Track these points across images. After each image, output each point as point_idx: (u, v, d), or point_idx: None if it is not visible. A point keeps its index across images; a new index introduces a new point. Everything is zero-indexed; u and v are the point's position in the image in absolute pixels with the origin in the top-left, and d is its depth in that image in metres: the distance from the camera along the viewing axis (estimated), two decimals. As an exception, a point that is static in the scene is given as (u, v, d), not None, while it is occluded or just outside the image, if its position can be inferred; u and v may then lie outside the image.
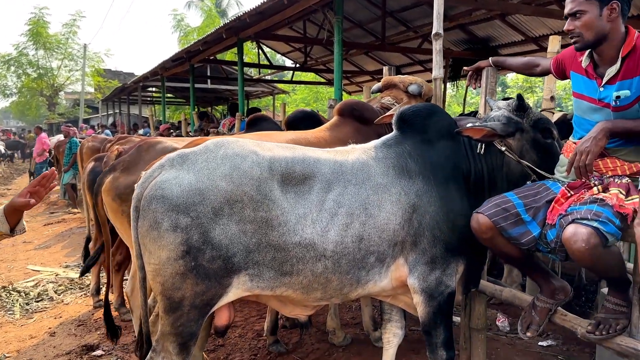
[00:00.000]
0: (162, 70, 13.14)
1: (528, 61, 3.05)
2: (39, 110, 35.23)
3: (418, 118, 2.67)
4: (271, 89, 19.31)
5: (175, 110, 26.12)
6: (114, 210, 3.40)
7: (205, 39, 9.55)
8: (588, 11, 2.28)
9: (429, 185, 2.52)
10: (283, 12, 7.33)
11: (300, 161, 2.41)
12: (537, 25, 10.15)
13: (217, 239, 2.23)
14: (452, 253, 2.53)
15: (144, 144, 3.62)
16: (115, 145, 7.10)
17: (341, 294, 2.48)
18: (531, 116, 2.68)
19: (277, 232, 2.29)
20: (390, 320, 2.97)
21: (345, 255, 2.36)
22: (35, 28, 29.99)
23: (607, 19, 2.27)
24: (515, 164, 2.66)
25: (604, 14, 2.27)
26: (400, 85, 3.66)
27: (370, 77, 15.55)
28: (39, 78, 31.37)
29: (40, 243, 8.44)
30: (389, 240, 2.44)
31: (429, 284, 2.50)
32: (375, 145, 2.66)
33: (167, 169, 2.33)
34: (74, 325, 4.72)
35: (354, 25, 11.44)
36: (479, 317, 3.23)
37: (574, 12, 2.33)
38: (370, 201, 2.42)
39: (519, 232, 2.40)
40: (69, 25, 31.15)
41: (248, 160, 2.33)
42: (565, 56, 2.65)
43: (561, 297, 2.61)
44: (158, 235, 2.24)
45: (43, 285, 6.07)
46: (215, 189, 2.25)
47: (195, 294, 2.28)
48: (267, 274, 2.33)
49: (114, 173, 3.44)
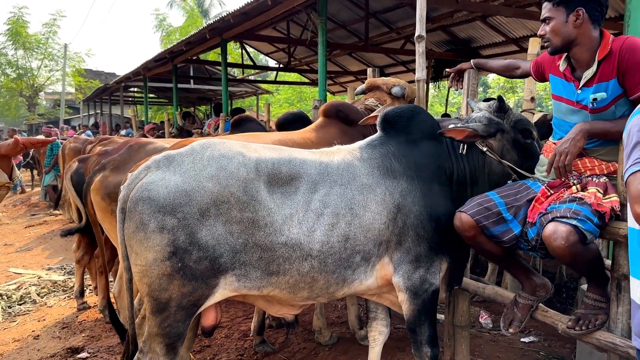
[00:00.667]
0: (145, 71, 13.05)
1: (508, 64, 3.12)
2: (19, 110, 34.64)
3: (402, 119, 2.72)
4: (255, 89, 19.27)
5: (157, 111, 25.91)
6: (102, 210, 3.38)
7: (189, 40, 9.51)
8: (555, 17, 2.40)
9: (413, 185, 2.56)
10: (267, 13, 7.35)
11: (287, 162, 2.43)
12: (517, 26, 10.31)
13: (203, 239, 2.24)
14: (436, 251, 2.58)
15: (135, 144, 3.62)
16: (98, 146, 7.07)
17: (327, 293, 2.51)
18: (511, 117, 2.75)
19: (264, 233, 2.31)
20: (376, 319, 3.00)
21: (332, 254, 2.39)
22: (15, 28, 29.44)
23: (573, 24, 2.36)
24: (496, 164, 2.72)
25: (570, 20, 2.36)
26: (384, 87, 3.71)
27: (354, 78, 15.62)
28: (19, 78, 30.81)
29: (22, 245, 8.33)
30: (375, 239, 2.47)
31: (414, 282, 2.54)
32: (360, 146, 2.70)
33: (153, 171, 2.33)
34: (58, 328, 4.68)
35: (338, 26, 11.49)
36: (462, 315, 3.29)
37: (544, 18, 2.46)
38: (355, 201, 2.45)
39: (500, 231, 2.46)
40: (49, 25, 30.63)
41: (234, 161, 2.34)
42: (544, 59, 2.72)
43: (542, 294, 2.67)
44: (144, 236, 2.24)
45: (25, 288, 5.99)
46: (201, 190, 2.26)
47: (182, 294, 2.29)
48: (254, 274, 2.35)
49: (104, 172, 3.43)
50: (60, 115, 30.56)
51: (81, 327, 4.68)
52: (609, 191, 2.31)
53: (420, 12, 3.41)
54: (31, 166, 14.97)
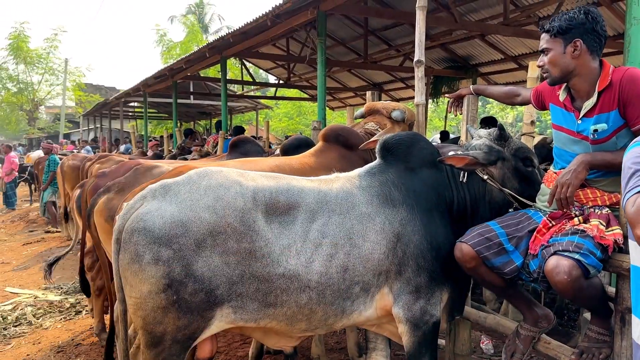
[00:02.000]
0: (145, 87, 13.09)
1: (509, 91, 3.11)
2: (19, 124, 34.72)
3: (401, 147, 2.69)
4: (254, 104, 19.33)
5: (157, 125, 25.96)
6: (106, 232, 3.34)
7: (189, 58, 9.55)
8: (552, 49, 2.39)
9: (413, 214, 2.53)
10: (266, 32, 7.38)
11: (285, 191, 2.40)
12: (516, 44, 10.37)
13: (199, 271, 2.20)
14: (437, 282, 2.54)
15: (141, 167, 3.59)
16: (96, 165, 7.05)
17: (326, 325, 2.46)
18: (512, 145, 2.73)
19: (261, 263, 2.27)
20: (375, 349, 2.95)
21: (330, 285, 2.35)
22: (16, 42, 29.66)
23: (571, 55, 2.35)
24: (497, 192, 2.69)
25: (568, 51, 2.35)
26: (383, 111, 3.69)
27: (353, 94, 15.69)
28: (19, 92, 30.97)
29: (19, 264, 8.26)
30: (374, 269, 2.43)
31: (414, 314, 2.49)
32: (359, 174, 2.67)
33: (149, 200, 2.30)
34: (53, 352, 4.61)
35: (337, 43, 11.55)
36: (463, 343, 3.25)
37: (542, 49, 2.45)
38: (354, 231, 2.41)
39: (501, 262, 2.42)
40: (50, 40, 30.87)
41: (231, 190, 2.31)
42: (544, 88, 2.71)
43: (544, 325, 2.62)
44: (139, 268, 2.20)
45: (21, 308, 5.92)
46: (198, 221, 2.22)
47: (177, 328, 2.24)
48: (251, 306, 2.30)
49: (108, 194, 3.39)
50: (60, 130, 30.63)
51: (77, 350, 4.61)
52: (612, 223, 2.28)
53: (420, 36, 3.40)
54: (29, 182, 14.94)
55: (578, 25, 2.32)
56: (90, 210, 3.42)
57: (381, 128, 3.61)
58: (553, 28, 2.38)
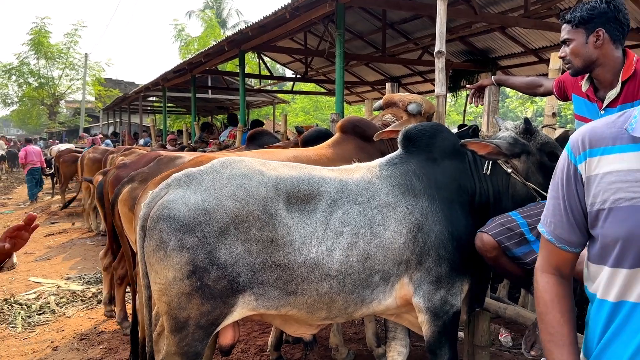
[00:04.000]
0: (164, 81, 13.21)
1: (531, 81, 3.09)
2: (40, 119, 35.33)
3: (423, 137, 2.69)
4: (271, 99, 19.38)
5: (176, 119, 26.19)
6: (130, 221, 3.41)
7: (207, 52, 9.61)
8: (575, 39, 2.38)
9: (434, 204, 2.53)
10: (285, 26, 7.39)
11: (306, 180, 2.43)
12: (536, 37, 10.23)
13: (222, 258, 2.24)
14: (457, 272, 2.54)
15: (164, 158, 3.66)
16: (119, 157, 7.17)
17: (346, 313, 2.48)
18: (538, 139, 2.70)
19: (283, 252, 2.30)
20: (395, 339, 2.97)
21: (350, 274, 2.37)
22: (37, 37, 30.13)
23: (594, 45, 2.33)
24: (521, 186, 2.67)
25: (590, 41, 2.33)
26: (400, 104, 3.68)
27: (370, 88, 15.64)
28: (40, 87, 31.49)
29: (42, 254, 8.43)
30: (394, 259, 2.45)
31: (434, 303, 2.51)
32: (379, 164, 2.68)
33: (173, 189, 2.34)
34: (76, 340, 4.71)
35: (355, 37, 11.51)
36: (482, 334, 3.24)
37: (564, 39, 2.44)
38: (375, 220, 2.43)
39: (523, 252, 2.42)
40: (70, 35, 31.30)
41: (254, 180, 2.34)
42: (567, 79, 2.69)
43: (565, 316, 2.61)
44: (164, 255, 2.25)
45: (45, 297, 6.05)
46: (221, 209, 2.26)
47: (201, 313, 2.29)
48: (272, 294, 2.34)
49: (132, 184, 3.47)
50: (80, 124, 31.06)
51: (99, 339, 4.70)
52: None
53: (440, 27, 3.40)
54: (52, 175, 15.21)
55: (600, 14, 2.30)
56: (115, 199, 3.49)
57: (398, 120, 3.61)
58: (574, 18, 2.36)
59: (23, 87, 31.87)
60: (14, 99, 33.13)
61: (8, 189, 19.64)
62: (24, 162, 14.84)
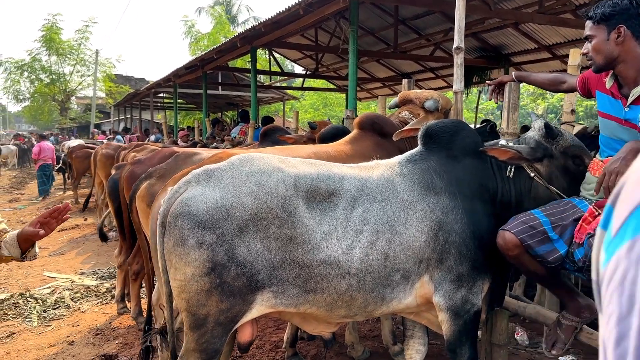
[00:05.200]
0: (175, 78, 13.24)
1: (554, 78, 3.04)
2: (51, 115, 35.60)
3: (445, 134, 2.66)
4: (281, 95, 19.35)
5: (185, 116, 26.27)
6: (147, 217, 3.41)
7: (219, 48, 9.61)
8: (596, 36, 2.36)
9: (455, 202, 2.51)
10: (297, 22, 7.36)
11: (325, 178, 2.41)
12: (550, 33, 10.12)
13: (242, 256, 2.24)
14: (479, 271, 2.52)
15: (182, 154, 3.66)
16: (131, 153, 7.18)
17: (365, 312, 2.47)
18: (561, 142, 2.64)
19: (302, 250, 2.29)
20: (413, 337, 2.95)
21: (370, 272, 2.36)
22: (49, 34, 30.33)
23: (615, 42, 2.31)
24: (543, 189, 2.63)
25: (611, 37, 2.31)
26: (416, 100, 3.64)
27: (381, 84, 15.57)
28: (52, 83, 31.70)
29: (55, 249, 8.49)
30: (415, 257, 2.43)
31: (455, 302, 2.48)
32: (399, 161, 2.65)
33: (193, 185, 2.34)
34: (92, 334, 4.74)
35: (366, 33, 11.46)
36: (500, 333, 3.21)
37: (586, 36, 2.42)
38: (395, 218, 2.41)
39: (545, 250, 2.39)
40: (81, 32, 31.47)
41: (273, 177, 2.33)
42: (591, 75, 2.65)
43: (587, 315, 2.58)
44: (184, 251, 2.25)
45: (59, 292, 6.10)
46: (240, 206, 2.25)
47: (220, 310, 2.28)
48: (291, 291, 2.33)
49: (150, 180, 3.47)
50: (91, 120, 31.25)
51: (114, 333, 4.73)
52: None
53: (459, 23, 3.36)
54: (63, 171, 15.31)
55: (622, 10, 2.26)
56: (133, 195, 3.50)
57: (415, 117, 3.58)
58: (596, 15, 2.34)
59: (35, 83, 32.10)
60: (25, 95, 33.41)
61: (21, 184, 19.81)
62: (37, 157, 14.95)
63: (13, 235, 2.27)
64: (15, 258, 2.29)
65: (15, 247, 2.25)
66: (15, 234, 2.27)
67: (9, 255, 2.27)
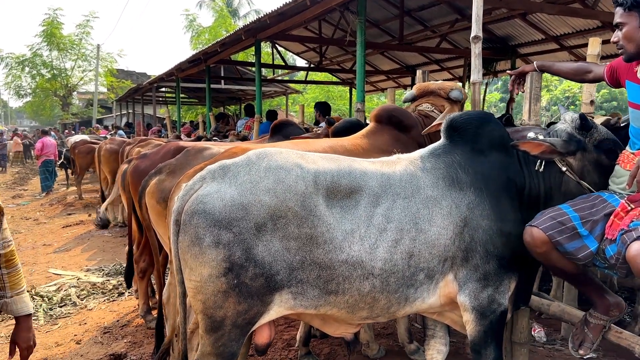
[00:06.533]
0: (178, 72, 13.10)
1: (579, 67, 2.92)
2: (53, 110, 35.50)
3: (470, 126, 2.55)
4: (284, 89, 19.21)
5: (187, 110, 26.14)
6: (157, 214, 3.32)
7: (224, 41, 9.49)
8: (627, 23, 2.28)
9: (481, 197, 2.40)
10: (303, 13, 7.23)
11: (347, 174, 2.31)
12: (558, 24, 9.97)
13: (260, 255, 2.14)
14: (506, 269, 2.42)
15: (192, 149, 3.55)
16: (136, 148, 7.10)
17: (388, 313, 2.38)
18: (595, 136, 2.53)
19: (323, 250, 2.20)
20: (434, 337, 2.86)
21: (394, 273, 2.26)
22: (50, 29, 30.16)
23: None
24: (574, 184, 2.52)
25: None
26: (441, 92, 3.53)
27: (385, 77, 15.43)
28: (53, 78, 31.57)
29: (60, 246, 8.42)
30: (440, 255, 2.33)
31: (481, 302, 2.39)
32: (422, 155, 2.55)
33: (208, 182, 2.24)
34: (99, 333, 4.67)
35: (370, 25, 11.31)
36: (521, 331, 3.13)
37: (616, 23, 2.32)
38: (420, 215, 2.31)
39: (575, 247, 2.30)
40: (82, 26, 31.30)
41: (292, 173, 2.23)
42: (620, 64, 2.54)
43: (615, 314, 2.49)
44: (200, 251, 2.16)
45: (65, 289, 6.02)
46: (258, 204, 2.16)
47: (237, 312, 2.20)
48: (311, 293, 2.24)
49: (160, 176, 3.37)
50: (93, 115, 31.18)
51: (123, 332, 4.65)
52: (701, 207, 2.13)
53: (477, 11, 3.25)
54: (65, 166, 15.23)
55: None
56: (142, 191, 3.40)
57: (437, 109, 3.46)
58: (627, 1, 2.24)
59: (36, 78, 31.97)
60: (27, 90, 33.28)
61: (23, 180, 19.78)
62: (40, 153, 14.88)
63: (19, 308, 2.29)
64: None
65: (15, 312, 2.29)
66: None
67: None
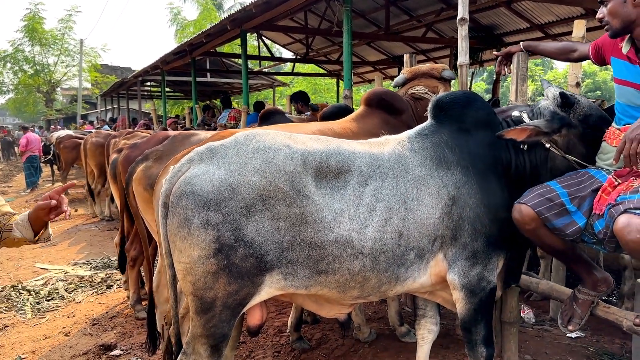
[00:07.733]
0: (163, 64, 12.96)
1: (564, 46, 2.94)
2: (37, 106, 34.98)
3: (456, 106, 2.56)
4: (271, 82, 19.11)
5: (173, 105, 25.93)
6: (145, 200, 3.28)
7: (209, 31, 9.39)
8: None
9: (468, 176, 2.41)
10: (289, 2, 7.19)
11: (335, 154, 2.31)
12: (543, 12, 10.03)
13: (249, 236, 2.13)
14: (494, 247, 2.43)
15: (178, 136, 3.52)
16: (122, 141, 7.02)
17: (379, 292, 2.39)
18: (579, 111, 2.54)
19: (312, 229, 2.19)
20: (425, 316, 2.88)
21: (384, 252, 2.27)
22: (31, 24, 29.66)
23: (632, 4, 2.24)
24: (560, 159, 2.53)
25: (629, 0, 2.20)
26: (434, 72, 3.53)
27: (371, 68, 15.42)
28: (36, 74, 31.07)
29: (46, 241, 8.32)
30: (429, 235, 2.34)
31: (470, 280, 2.40)
32: (409, 136, 2.55)
33: (196, 164, 2.22)
34: (88, 325, 4.63)
35: (356, 15, 11.28)
36: (511, 311, 3.16)
37: (601, 0, 2.32)
38: (409, 195, 2.32)
39: (563, 223, 2.32)
40: (64, 21, 30.84)
41: (281, 153, 2.22)
42: (604, 41, 2.56)
43: (603, 289, 2.52)
44: (189, 232, 2.14)
45: (53, 283, 5.96)
46: (247, 185, 2.14)
47: (228, 293, 2.19)
48: (302, 273, 2.23)
49: (147, 162, 3.33)
50: (78, 111, 30.78)
51: (112, 323, 4.62)
52: (686, 179, 2.15)
53: (464, -7, 3.25)
54: (51, 162, 15.05)
55: None
56: (129, 178, 3.37)
57: (431, 91, 3.46)
58: None
59: (18, 74, 31.44)
60: (9, 87, 32.77)
61: (7, 177, 19.51)
62: (25, 149, 14.69)
63: (24, 216, 2.17)
64: (28, 240, 2.18)
65: (27, 228, 2.15)
66: (27, 214, 2.16)
67: (21, 237, 2.17)
